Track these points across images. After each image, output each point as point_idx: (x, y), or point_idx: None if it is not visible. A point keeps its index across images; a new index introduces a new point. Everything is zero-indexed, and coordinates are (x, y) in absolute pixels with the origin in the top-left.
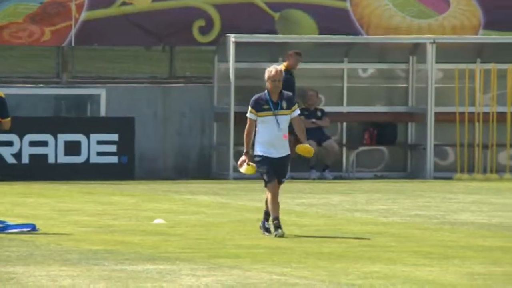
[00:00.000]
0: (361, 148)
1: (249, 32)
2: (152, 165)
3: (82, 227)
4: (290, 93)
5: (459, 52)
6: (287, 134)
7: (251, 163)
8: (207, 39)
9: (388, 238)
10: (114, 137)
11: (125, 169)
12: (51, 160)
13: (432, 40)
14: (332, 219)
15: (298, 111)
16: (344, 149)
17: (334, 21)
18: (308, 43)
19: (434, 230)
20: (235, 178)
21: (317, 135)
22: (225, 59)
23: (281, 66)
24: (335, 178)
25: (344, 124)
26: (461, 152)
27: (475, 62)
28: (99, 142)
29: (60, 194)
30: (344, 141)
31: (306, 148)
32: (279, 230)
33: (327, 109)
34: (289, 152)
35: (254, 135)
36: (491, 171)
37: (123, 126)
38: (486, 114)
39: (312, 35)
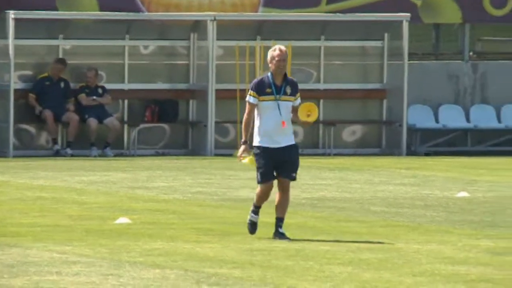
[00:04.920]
0: (142, 125)
1: (30, 9)
2: None
3: None
4: (295, 79)
5: (240, 29)
6: (289, 120)
7: (251, 154)
8: None
9: (169, 215)
10: None
11: None
12: None
13: (212, 17)
14: (113, 196)
15: (299, 100)
16: (125, 126)
17: None
18: (88, 20)
19: (215, 207)
20: (15, 156)
21: (98, 113)
22: (4, 36)
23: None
24: (116, 155)
25: (126, 101)
26: (242, 129)
27: (255, 39)
28: None
29: None
30: (126, 118)
31: (311, 106)
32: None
33: (109, 86)
34: (294, 142)
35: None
36: None
37: None
38: None
39: (92, 12)
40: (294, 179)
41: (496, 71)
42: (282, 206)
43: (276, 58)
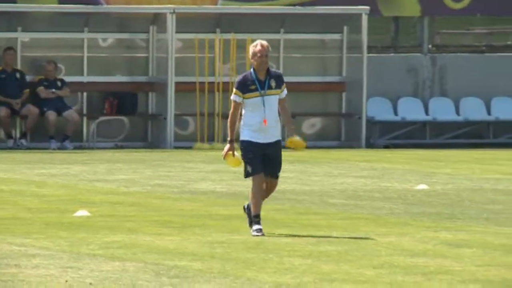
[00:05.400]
0: (102, 118)
1: None
2: None
3: None
4: (279, 71)
5: (199, 22)
6: (276, 117)
7: (236, 154)
8: None
9: (129, 207)
10: None
11: None
12: None
13: (172, 10)
14: (72, 189)
15: (286, 91)
16: (85, 119)
17: None
18: (47, 12)
19: (174, 200)
20: None
21: (57, 105)
22: None
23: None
24: (76, 148)
25: (85, 94)
26: (201, 122)
27: (214, 32)
28: None
29: None
30: (85, 111)
31: (298, 142)
32: (258, 231)
33: (68, 79)
34: (280, 138)
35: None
36: None
37: None
38: (225, 83)
39: (51, 5)
40: (278, 177)
41: (455, 64)
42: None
43: (258, 54)
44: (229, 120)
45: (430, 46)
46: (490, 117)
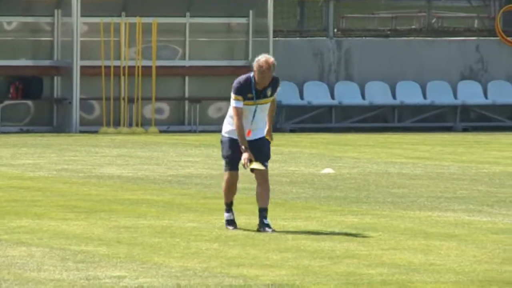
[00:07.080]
0: (7, 102)
1: None
2: None
3: None
4: (277, 77)
5: (104, 6)
6: (265, 119)
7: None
8: None
9: (34, 192)
10: None
11: None
12: None
13: None
14: None
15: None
16: None
17: None
18: None
19: (81, 184)
20: None
21: None
22: None
23: None
24: None
25: None
26: (107, 106)
27: (120, 16)
28: None
29: None
30: None
31: (258, 166)
32: (229, 223)
33: None
34: (263, 135)
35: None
36: (137, 125)
37: None
38: (131, 67)
39: None
40: (266, 167)
41: (360, 48)
42: (262, 196)
43: (266, 71)
44: (236, 128)
45: (335, 30)
46: (395, 101)
